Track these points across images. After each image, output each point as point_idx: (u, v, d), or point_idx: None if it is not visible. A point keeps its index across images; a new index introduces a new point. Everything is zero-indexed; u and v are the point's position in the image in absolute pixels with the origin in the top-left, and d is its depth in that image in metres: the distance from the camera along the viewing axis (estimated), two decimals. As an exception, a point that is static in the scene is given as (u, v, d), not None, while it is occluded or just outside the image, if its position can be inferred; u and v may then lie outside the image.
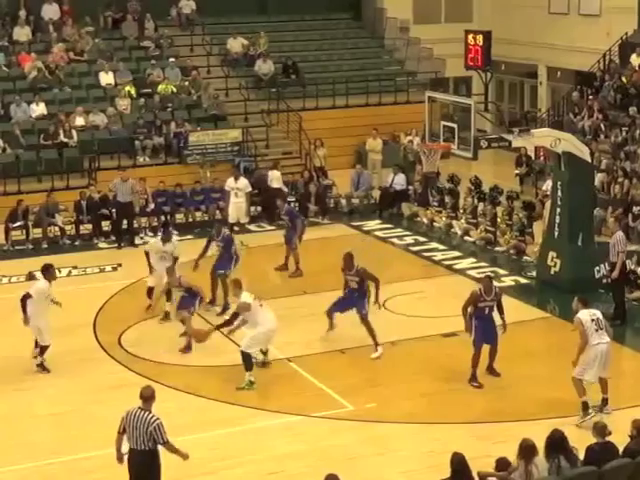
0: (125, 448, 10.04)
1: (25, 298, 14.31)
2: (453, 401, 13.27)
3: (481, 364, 13.87)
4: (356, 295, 14.83)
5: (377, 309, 14.92)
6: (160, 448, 10.01)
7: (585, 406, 12.50)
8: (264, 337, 13.88)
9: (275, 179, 23.30)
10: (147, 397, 10.09)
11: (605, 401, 12.82)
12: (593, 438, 10.07)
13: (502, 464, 9.68)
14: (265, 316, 13.78)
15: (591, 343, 12.46)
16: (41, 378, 14.28)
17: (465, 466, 9.47)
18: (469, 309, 13.72)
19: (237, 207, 21.16)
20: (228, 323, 14.01)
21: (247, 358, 13.71)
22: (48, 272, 14.55)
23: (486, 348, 13.85)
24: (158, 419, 9.92)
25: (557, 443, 9.62)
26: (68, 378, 14.29)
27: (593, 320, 12.55)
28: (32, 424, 12.83)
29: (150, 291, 16.77)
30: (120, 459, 10.09)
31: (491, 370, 14.04)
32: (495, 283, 14.58)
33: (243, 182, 21.34)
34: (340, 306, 15.07)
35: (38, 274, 15.19)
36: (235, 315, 13.89)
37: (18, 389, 13.93)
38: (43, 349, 14.50)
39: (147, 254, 16.96)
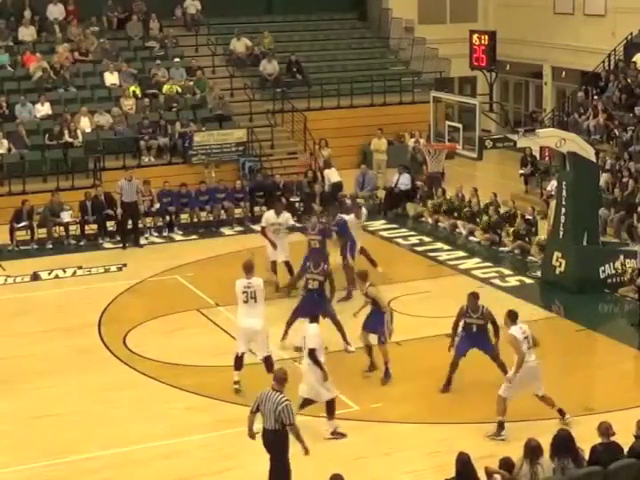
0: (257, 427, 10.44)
1: (313, 353, 12.27)
2: (459, 401, 13.25)
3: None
4: (316, 295, 14.63)
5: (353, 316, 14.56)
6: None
7: (500, 425, 12.22)
8: (240, 333, 13.51)
9: (332, 175, 23.44)
10: (280, 379, 10.43)
11: (561, 411, 12.50)
12: (598, 438, 10.02)
13: (506, 464, 9.66)
14: (240, 311, 13.44)
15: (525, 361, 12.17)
16: (45, 378, 14.27)
17: (469, 467, 9.46)
18: (460, 323, 13.51)
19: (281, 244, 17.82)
20: None
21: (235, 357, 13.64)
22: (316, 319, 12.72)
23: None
24: (287, 400, 10.27)
25: (563, 443, 9.62)
26: (73, 378, 14.32)
27: (526, 337, 12.26)
28: (37, 424, 12.82)
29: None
30: (252, 436, 10.54)
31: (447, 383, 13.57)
32: (493, 289, 14.40)
33: (285, 216, 17.98)
34: (302, 312, 14.54)
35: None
36: None
37: (23, 389, 13.94)
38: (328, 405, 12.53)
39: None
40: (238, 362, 13.58)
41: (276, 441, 10.31)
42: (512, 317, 12.40)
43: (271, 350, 13.77)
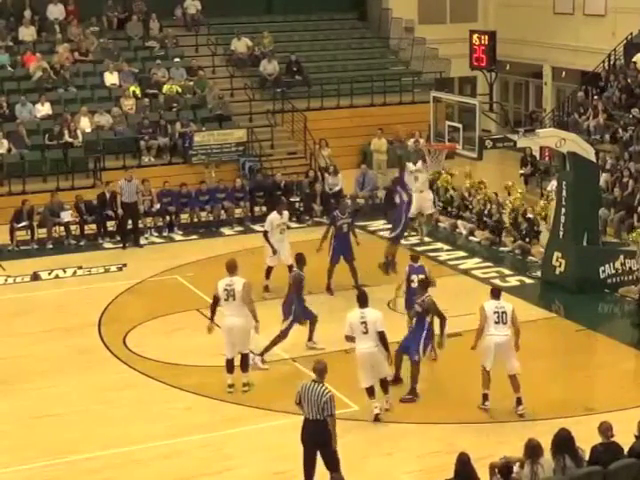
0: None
1: (384, 335, 12.64)
2: (458, 401, 13.19)
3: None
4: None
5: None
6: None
7: (485, 397, 12.80)
8: (224, 333, 13.62)
9: (338, 182, 23.53)
10: (320, 370, 10.60)
11: (519, 400, 12.78)
12: (598, 438, 9.99)
13: (505, 465, 9.60)
14: (222, 310, 13.56)
15: (486, 333, 12.66)
16: (45, 378, 14.26)
17: (469, 467, 9.43)
18: None
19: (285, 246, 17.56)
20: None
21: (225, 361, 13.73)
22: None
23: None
24: (330, 392, 10.46)
25: (563, 442, 9.61)
26: (73, 378, 14.31)
27: (496, 312, 12.69)
28: (37, 424, 12.80)
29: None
30: None
31: (395, 379, 13.56)
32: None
33: (286, 215, 18.05)
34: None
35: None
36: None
37: (23, 389, 13.93)
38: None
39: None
40: (229, 365, 13.62)
41: (320, 431, 10.43)
42: (492, 293, 13.03)
43: (250, 349, 13.79)
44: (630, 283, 17.46)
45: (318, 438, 10.49)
